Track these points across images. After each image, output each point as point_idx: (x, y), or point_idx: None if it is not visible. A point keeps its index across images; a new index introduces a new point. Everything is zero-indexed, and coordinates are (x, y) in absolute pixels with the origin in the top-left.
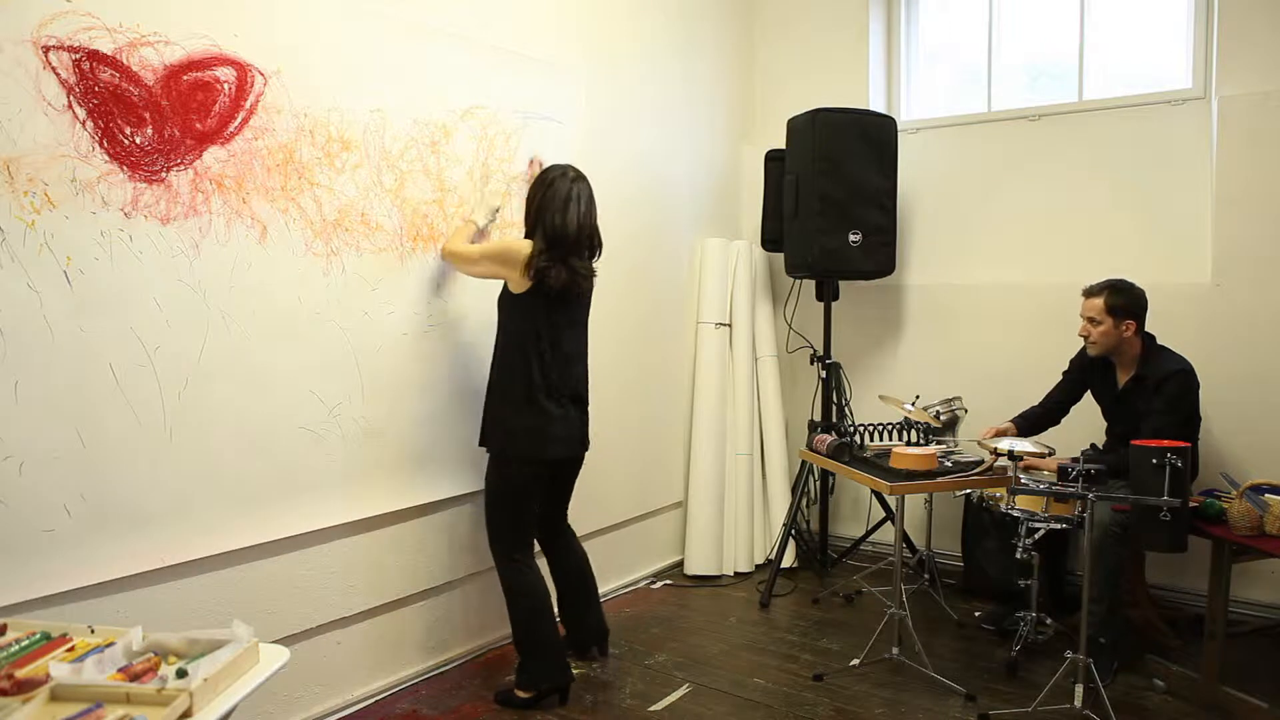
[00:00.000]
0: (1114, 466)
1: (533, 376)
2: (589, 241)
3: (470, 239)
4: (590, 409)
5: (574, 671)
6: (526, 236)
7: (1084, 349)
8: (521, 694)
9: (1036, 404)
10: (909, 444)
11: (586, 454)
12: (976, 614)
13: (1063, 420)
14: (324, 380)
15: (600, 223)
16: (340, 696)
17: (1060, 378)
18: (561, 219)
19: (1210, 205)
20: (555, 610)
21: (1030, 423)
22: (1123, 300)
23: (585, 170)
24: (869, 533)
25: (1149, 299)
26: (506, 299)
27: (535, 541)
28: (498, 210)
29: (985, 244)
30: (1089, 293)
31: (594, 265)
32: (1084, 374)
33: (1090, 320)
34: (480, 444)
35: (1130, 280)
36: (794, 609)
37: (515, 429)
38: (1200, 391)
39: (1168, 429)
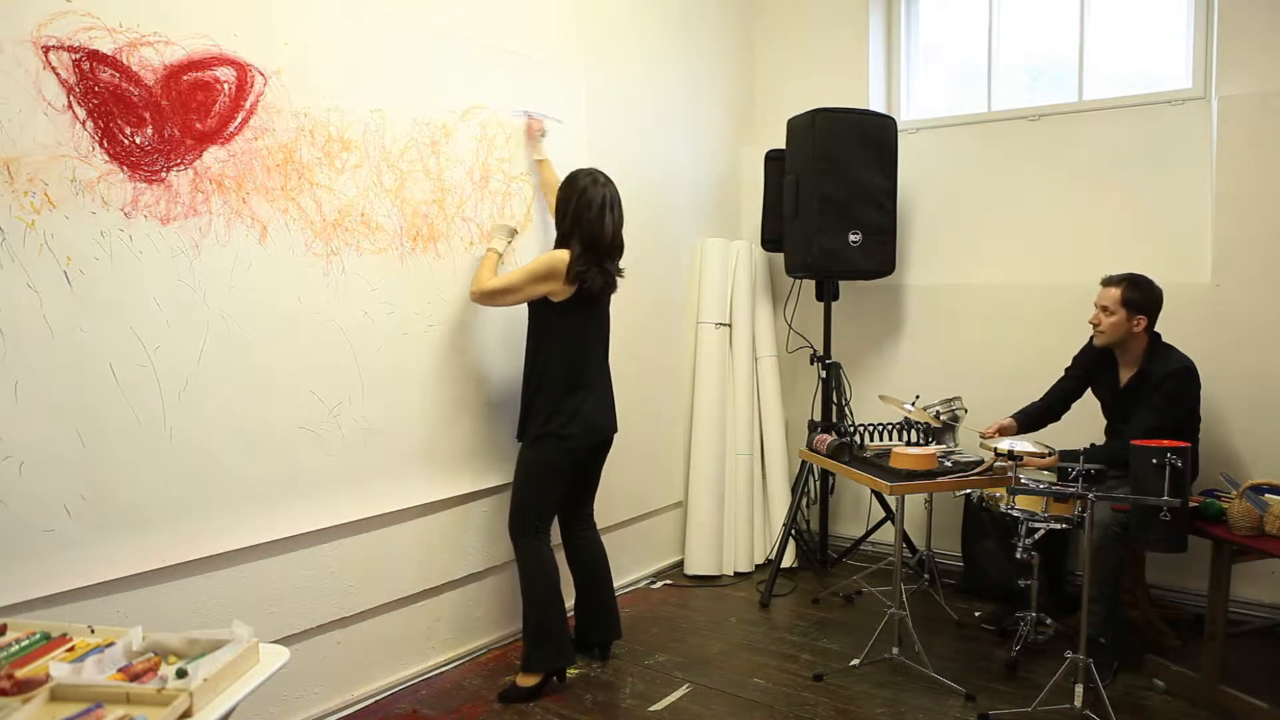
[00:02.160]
0: (1115, 456)
1: (568, 370)
2: (621, 245)
3: (496, 269)
4: (615, 396)
5: (574, 671)
6: (559, 243)
7: (1088, 345)
8: (525, 682)
9: (1037, 399)
10: (909, 444)
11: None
12: (976, 614)
13: (1064, 416)
14: (324, 380)
15: None
16: (340, 696)
17: (1063, 374)
18: (600, 226)
19: (1210, 205)
20: (568, 603)
21: (1031, 419)
22: (1139, 295)
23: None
24: (869, 533)
25: None
26: (543, 302)
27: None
28: (515, 233)
29: (985, 244)
30: (1108, 282)
31: (621, 267)
32: (1087, 370)
33: (1104, 309)
34: (519, 437)
35: (1150, 277)
36: (794, 609)
37: (554, 414)
38: (1201, 390)
39: (1161, 429)
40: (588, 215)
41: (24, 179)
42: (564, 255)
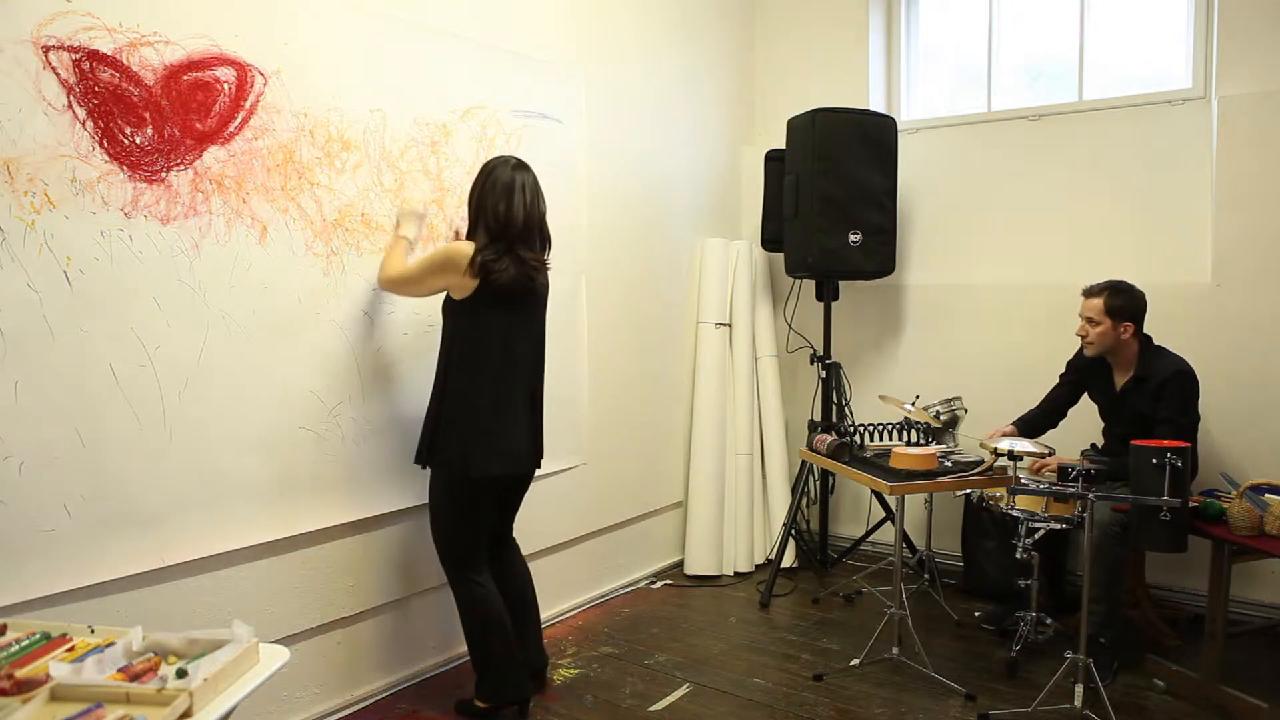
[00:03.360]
0: (1114, 471)
1: (479, 388)
2: (538, 232)
3: (406, 256)
4: (545, 420)
5: (573, 672)
6: (469, 236)
7: (1080, 350)
8: (480, 704)
9: (1034, 407)
10: (909, 444)
11: (580, 459)
12: (976, 614)
13: (1060, 423)
14: (324, 380)
15: (600, 223)
16: (340, 696)
17: (1057, 380)
18: (506, 207)
19: (1210, 205)
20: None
21: (1030, 426)
22: (1122, 301)
23: (585, 170)
24: (869, 533)
25: (1149, 299)
26: (450, 304)
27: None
28: (424, 218)
29: (985, 244)
30: (1089, 293)
31: (546, 259)
32: (1081, 376)
33: (1089, 320)
34: (416, 460)
35: (1130, 282)
36: (794, 609)
37: (458, 445)
38: (1201, 391)
39: (1186, 430)
40: (493, 195)
41: (24, 179)
42: (465, 246)
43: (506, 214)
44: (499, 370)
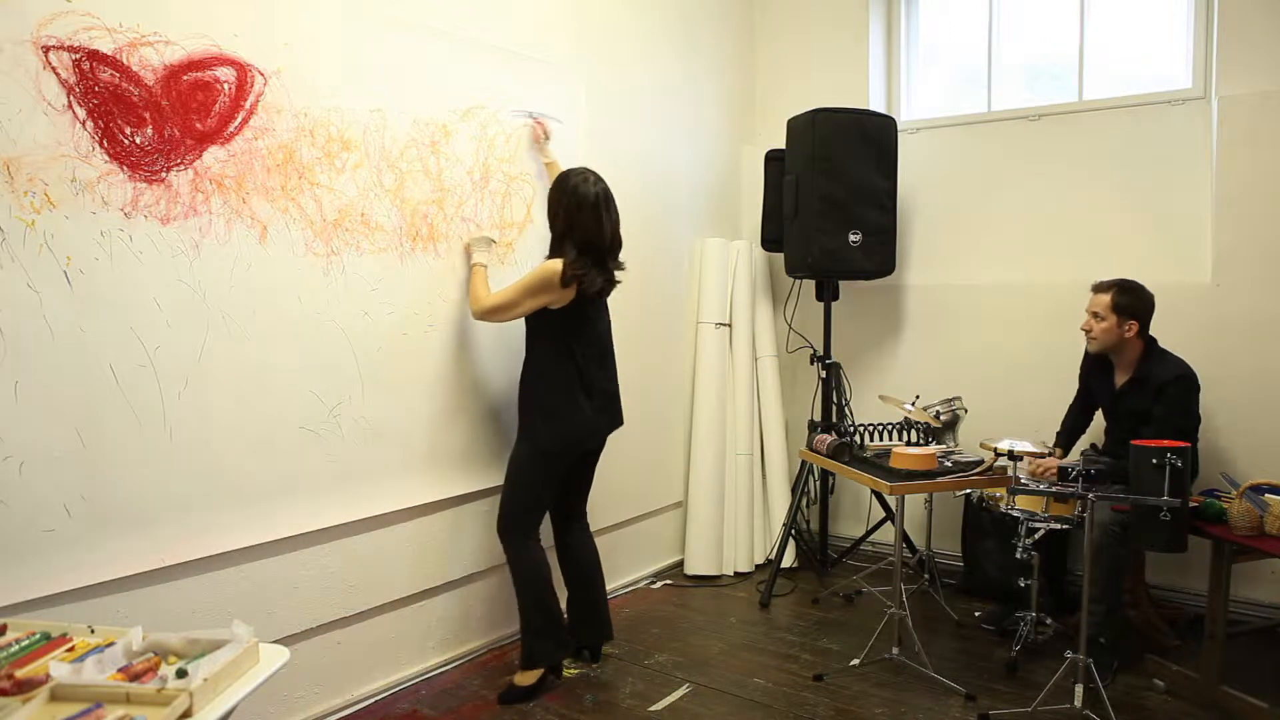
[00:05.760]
0: (1113, 473)
1: (570, 376)
2: (619, 243)
3: (488, 283)
4: (621, 395)
5: (573, 671)
6: (553, 247)
7: (1086, 351)
8: (523, 681)
9: (1063, 421)
10: (909, 444)
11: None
12: (976, 614)
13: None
14: (324, 380)
15: None
16: (340, 696)
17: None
18: (596, 227)
19: (1210, 205)
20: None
21: (1065, 436)
22: (1129, 300)
23: None
24: (869, 533)
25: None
26: (542, 310)
27: (544, 527)
28: (493, 242)
29: (985, 244)
30: (1098, 288)
31: (622, 266)
32: (1087, 376)
33: (1094, 315)
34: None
35: (1140, 282)
36: (794, 609)
37: (539, 415)
38: (1201, 392)
39: (1178, 432)
40: (580, 216)
41: (24, 179)
42: (556, 265)
43: (597, 232)
44: (575, 355)
